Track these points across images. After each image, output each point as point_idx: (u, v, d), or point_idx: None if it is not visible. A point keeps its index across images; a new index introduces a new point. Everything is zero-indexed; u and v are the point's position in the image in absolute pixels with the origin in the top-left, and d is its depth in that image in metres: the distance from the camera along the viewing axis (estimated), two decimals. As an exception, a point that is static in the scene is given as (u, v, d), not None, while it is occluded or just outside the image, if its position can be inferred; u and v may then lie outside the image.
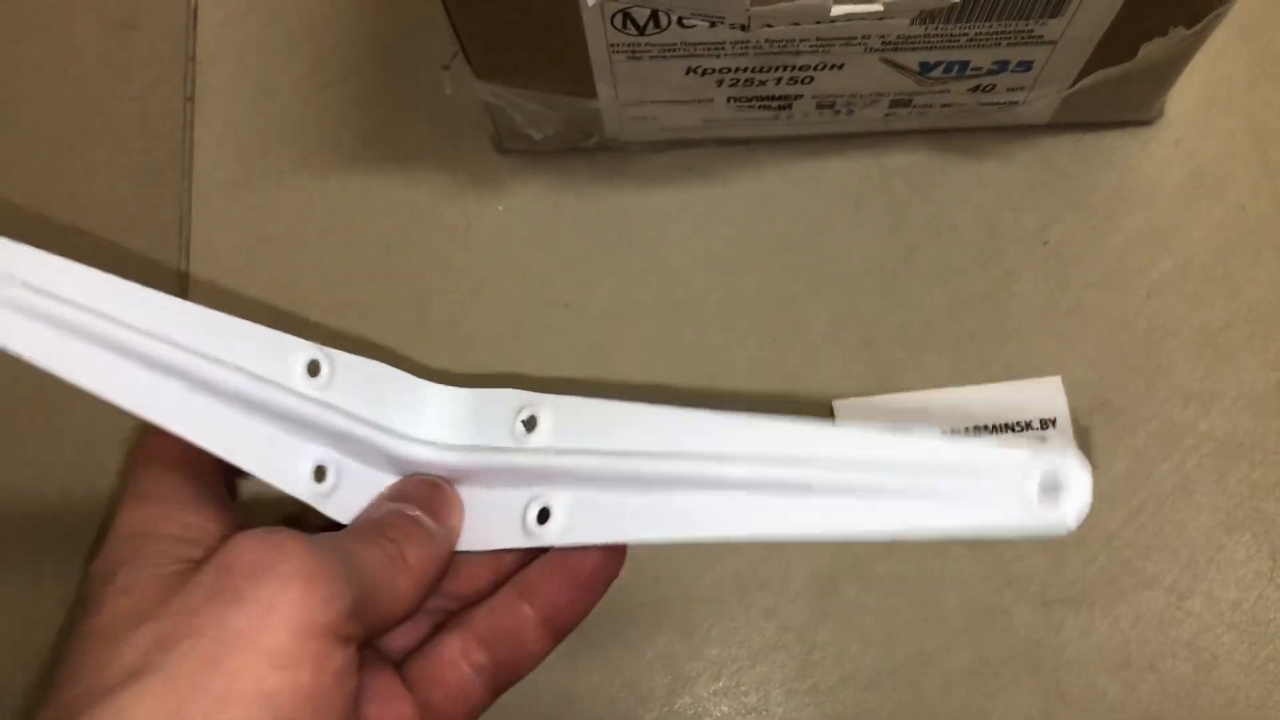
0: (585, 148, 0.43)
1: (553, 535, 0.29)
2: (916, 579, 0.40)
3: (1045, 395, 0.40)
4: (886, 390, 0.41)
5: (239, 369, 0.29)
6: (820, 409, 0.41)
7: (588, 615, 0.30)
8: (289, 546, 0.26)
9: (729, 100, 0.39)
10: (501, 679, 0.30)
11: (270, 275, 0.43)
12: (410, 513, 0.30)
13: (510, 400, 0.31)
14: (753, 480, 0.26)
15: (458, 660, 0.30)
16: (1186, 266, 0.42)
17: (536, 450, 0.30)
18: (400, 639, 0.31)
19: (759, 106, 0.40)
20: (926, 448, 0.24)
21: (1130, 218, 0.42)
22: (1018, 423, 0.40)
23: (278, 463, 0.30)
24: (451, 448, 0.31)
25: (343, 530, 0.30)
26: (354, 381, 0.30)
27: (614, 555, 0.30)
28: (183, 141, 0.45)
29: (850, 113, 0.40)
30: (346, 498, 0.30)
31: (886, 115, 0.41)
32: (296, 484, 0.30)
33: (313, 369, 0.30)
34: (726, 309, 0.42)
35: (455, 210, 0.44)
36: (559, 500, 0.29)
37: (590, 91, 0.38)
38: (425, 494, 0.31)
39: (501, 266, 0.43)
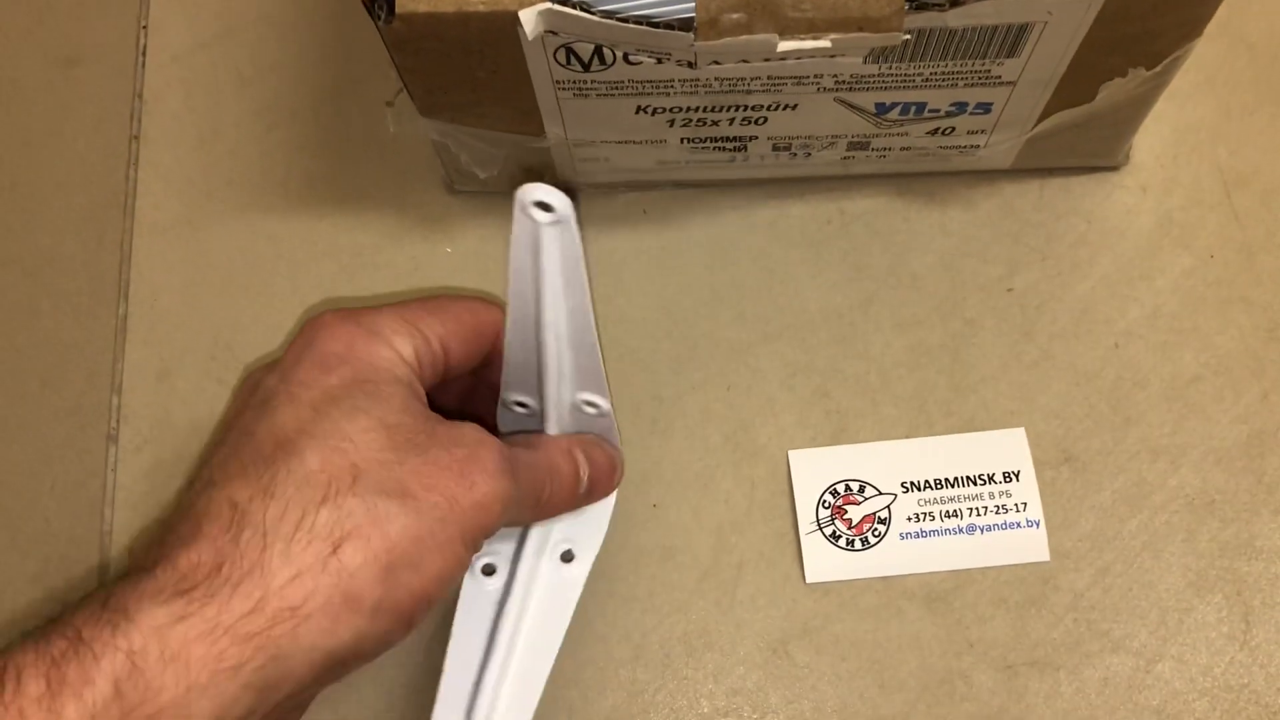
0: (537, 190, 0.42)
1: None
2: (871, 642, 0.38)
3: (1008, 447, 0.39)
4: (843, 441, 0.39)
5: None
6: (775, 459, 0.39)
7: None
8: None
9: (682, 141, 0.38)
10: None
11: (210, 319, 0.42)
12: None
13: None
14: None
15: None
16: (1155, 316, 0.40)
17: None
18: None
19: (714, 148, 0.39)
20: None
21: (1096, 266, 0.41)
22: (980, 475, 0.38)
23: None
24: None
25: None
26: None
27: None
28: (126, 180, 0.44)
29: (808, 155, 0.39)
30: None
31: (845, 158, 0.40)
32: None
33: None
34: (680, 356, 0.41)
35: (403, 252, 0.42)
36: None
37: (538, 130, 0.37)
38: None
39: (448, 311, 0.42)
